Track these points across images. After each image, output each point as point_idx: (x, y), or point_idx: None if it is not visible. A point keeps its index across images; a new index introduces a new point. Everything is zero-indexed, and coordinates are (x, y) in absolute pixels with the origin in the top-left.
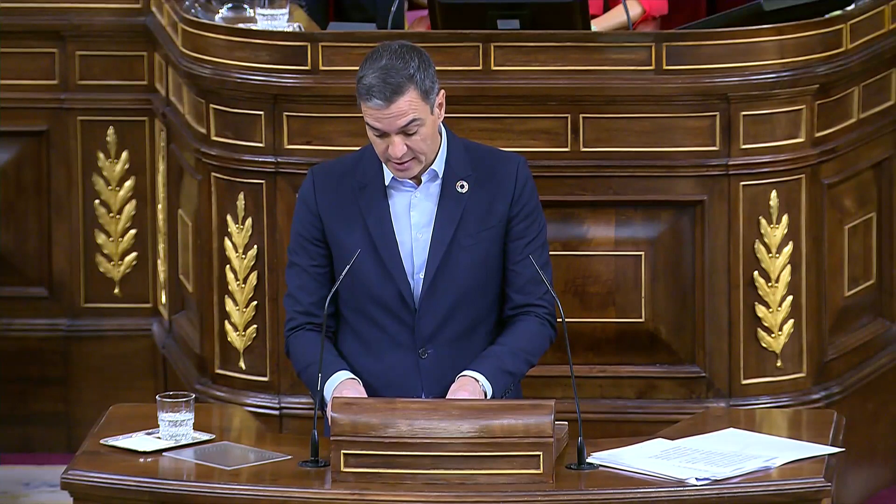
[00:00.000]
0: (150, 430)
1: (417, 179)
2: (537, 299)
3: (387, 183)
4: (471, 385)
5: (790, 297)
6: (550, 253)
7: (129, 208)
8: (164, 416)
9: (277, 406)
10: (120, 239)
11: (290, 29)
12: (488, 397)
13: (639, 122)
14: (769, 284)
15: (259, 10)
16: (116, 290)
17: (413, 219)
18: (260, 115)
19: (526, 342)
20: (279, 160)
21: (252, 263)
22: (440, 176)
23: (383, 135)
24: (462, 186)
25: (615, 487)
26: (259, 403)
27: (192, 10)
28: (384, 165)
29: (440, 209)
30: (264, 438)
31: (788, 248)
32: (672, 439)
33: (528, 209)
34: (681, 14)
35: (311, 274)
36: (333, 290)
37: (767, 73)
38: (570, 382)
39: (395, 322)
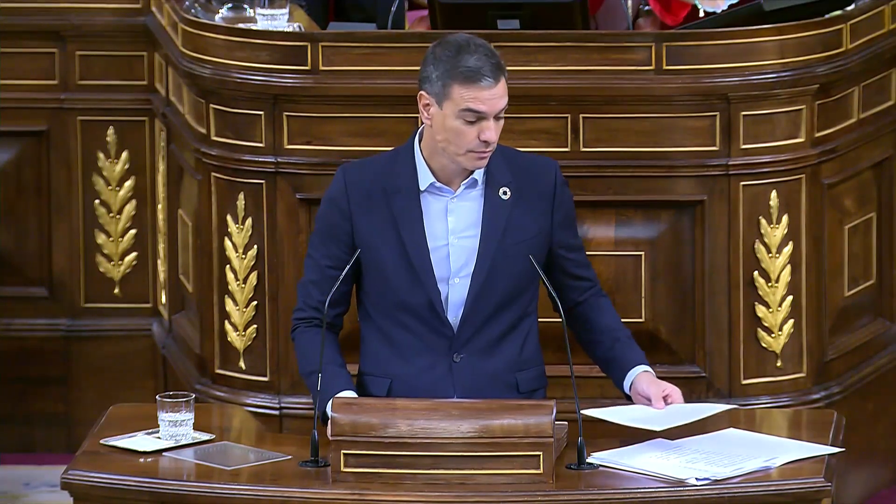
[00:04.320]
0: (150, 430)
1: (455, 185)
2: (596, 279)
3: (423, 188)
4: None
5: (790, 297)
6: None
7: (129, 208)
8: (164, 416)
9: (277, 406)
10: (120, 239)
11: (290, 29)
12: None
13: (639, 122)
14: (769, 284)
15: (259, 10)
16: (116, 290)
17: (450, 224)
18: (260, 115)
19: (620, 321)
20: (279, 160)
21: (252, 263)
22: (479, 182)
23: (478, 120)
24: (504, 193)
25: (615, 487)
26: (259, 403)
27: (192, 10)
28: (420, 170)
29: (485, 216)
30: (264, 438)
31: (788, 248)
32: (672, 439)
33: (571, 215)
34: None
35: (325, 274)
36: (331, 293)
37: (767, 73)
38: (570, 382)
39: (426, 327)
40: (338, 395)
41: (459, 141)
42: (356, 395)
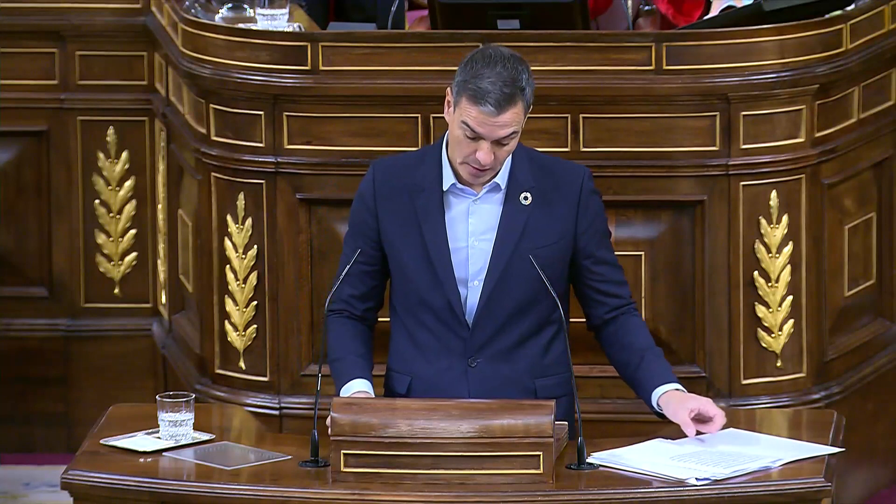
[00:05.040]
0: (150, 430)
1: (478, 187)
2: (629, 298)
3: (445, 188)
4: (694, 395)
5: (790, 297)
6: None
7: (129, 208)
8: (164, 416)
9: (277, 406)
10: (120, 239)
11: (290, 29)
12: None
13: (639, 122)
14: (769, 284)
15: (259, 10)
16: (116, 290)
17: (471, 225)
18: (260, 115)
19: (652, 340)
20: (279, 160)
21: (252, 263)
22: (503, 188)
23: (476, 139)
24: (525, 198)
25: (615, 487)
26: (259, 403)
27: (192, 10)
28: (444, 170)
29: (503, 219)
30: (264, 438)
31: (788, 248)
32: (672, 439)
33: (599, 226)
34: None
35: (354, 268)
36: (333, 289)
37: (767, 73)
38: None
39: (445, 328)
40: (338, 397)
41: (458, 149)
42: (369, 384)
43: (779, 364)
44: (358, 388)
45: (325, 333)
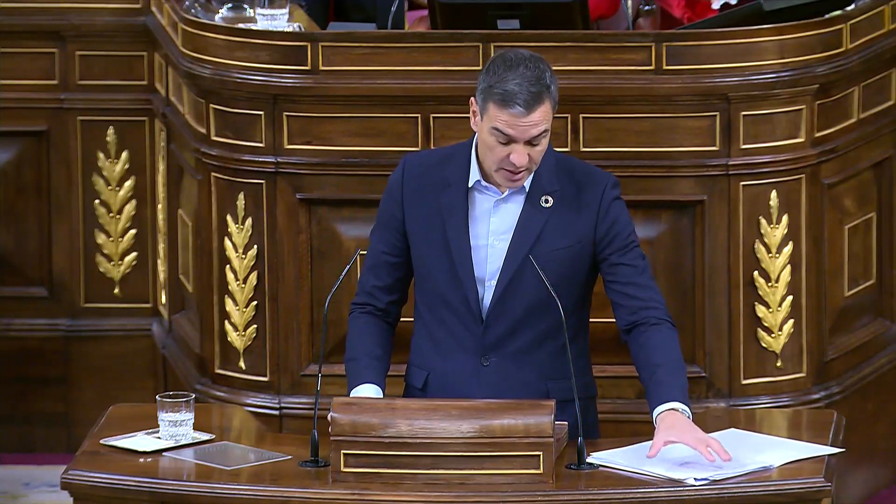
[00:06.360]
0: (150, 430)
1: (503, 187)
2: (654, 303)
3: (470, 185)
4: (687, 423)
5: (790, 297)
6: None
7: (129, 208)
8: (164, 416)
9: (277, 406)
10: (120, 239)
11: (290, 29)
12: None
13: (639, 122)
14: (769, 284)
15: (259, 10)
16: (116, 290)
17: (492, 224)
18: (260, 115)
19: (676, 352)
20: (279, 160)
21: (252, 263)
22: (526, 189)
23: (509, 143)
24: (546, 201)
25: (615, 487)
26: (259, 403)
27: (192, 10)
28: (472, 167)
29: (521, 220)
30: (264, 438)
31: (788, 248)
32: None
33: (619, 231)
34: None
35: (380, 260)
36: (333, 289)
37: (767, 73)
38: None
39: (461, 326)
40: (338, 397)
41: (492, 156)
42: (379, 389)
43: (779, 364)
44: (366, 394)
45: (348, 329)
